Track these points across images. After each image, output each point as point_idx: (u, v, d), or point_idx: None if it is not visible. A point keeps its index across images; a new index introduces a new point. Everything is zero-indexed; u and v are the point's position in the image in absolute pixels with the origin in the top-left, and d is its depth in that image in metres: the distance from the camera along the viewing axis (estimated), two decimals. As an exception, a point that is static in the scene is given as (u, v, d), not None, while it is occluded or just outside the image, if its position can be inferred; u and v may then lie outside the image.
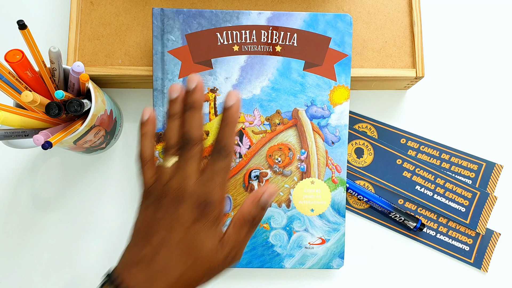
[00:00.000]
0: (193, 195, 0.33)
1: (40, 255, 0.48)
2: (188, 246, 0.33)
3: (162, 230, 0.33)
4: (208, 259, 0.33)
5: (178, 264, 0.32)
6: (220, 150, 0.34)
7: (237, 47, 0.44)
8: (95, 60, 0.47)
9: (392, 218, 0.49)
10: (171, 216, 0.33)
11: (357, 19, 0.48)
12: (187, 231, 0.33)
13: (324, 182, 0.45)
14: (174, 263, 0.32)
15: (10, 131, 0.39)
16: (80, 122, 0.41)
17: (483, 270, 0.49)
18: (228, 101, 0.34)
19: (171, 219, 0.33)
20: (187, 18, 0.44)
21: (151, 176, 0.36)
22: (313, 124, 0.45)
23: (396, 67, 0.47)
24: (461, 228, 0.49)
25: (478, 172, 0.51)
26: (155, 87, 0.44)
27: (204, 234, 0.33)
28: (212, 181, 0.33)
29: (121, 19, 0.47)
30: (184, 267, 0.32)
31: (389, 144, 0.51)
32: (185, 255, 0.33)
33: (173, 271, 0.32)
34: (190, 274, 0.33)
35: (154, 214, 0.34)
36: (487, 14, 0.54)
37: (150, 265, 0.32)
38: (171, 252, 0.32)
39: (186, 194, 0.33)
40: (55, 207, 0.49)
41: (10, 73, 0.38)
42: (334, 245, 0.46)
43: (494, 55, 0.54)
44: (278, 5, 0.48)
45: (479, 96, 0.53)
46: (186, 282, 0.33)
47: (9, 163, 0.50)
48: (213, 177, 0.33)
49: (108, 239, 0.49)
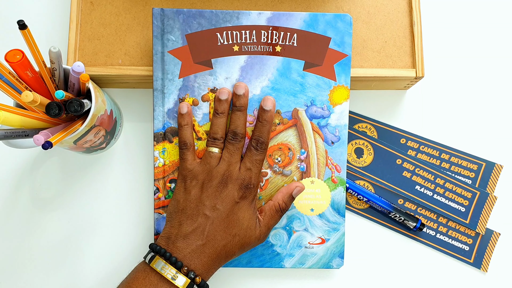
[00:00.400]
0: (238, 179, 0.41)
1: (40, 255, 0.48)
2: (233, 220, 0.40)
3: (210, 207, 0.40)
4: (246, 233, 0.40)
5: (223, 235, 0.39)
6: (259, 145, 0.42)
7: (237, 47, 0.44)
8: (95, 60, 0.47)
9: (392, 218, 0.49)
10: (220, 194, 0.40)
11: (357, 19, 0.48)
12: (234, 206, 0.40)
13: (324, 182, 0.45)
14: (220, 235, 0.39)
15: (10, 131, 0.39)
16: (80, 122, 0.41)
17: (483, 270, 0.49)
18: (267, 105, 0.43)
19: (220, 197, 0.40)
20: (187, 18, 0.44)
21: (193, 160, 0.42)
22: (313, 124, 0.45)
23: (396, 67, 0.47)
24: (461, 228, 0.50)
25: (478, 172, 0.51)
26: (155, 87, 0.44)
27: (246, 210, 0.41)
28: (253, 169, 0.41)
29: (121, 19, 0.47)
30: (228, 238, 0.40)
31: (389, 144, 0.51)
32: (230, 228, 0.40)
33: (219, 242, 0.39)
34: (230, 245, 0.40)
35: (201, 193, 0.40)
36: (487, 14, 0.54)
37: (201, 237, 0.39)
38: (219, 225, 0.39)
39: (233, 178, 0.41)
40: (55, 207, 0.49)
41: (10, 73, 0.38)
42: (334, 245, 0.46)
43: (494, 55, 0.54)
44: (278, 5, 0.48)
45: (479, 96, 0.53)
46: (226, 252, 0.40)
47: (9, 163, 0.50)
48: (254, 166, 0.42)
49: (108, 239, 0.49)
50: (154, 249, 0.39)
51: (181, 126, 0.43)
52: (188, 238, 0.39)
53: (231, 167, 0.41)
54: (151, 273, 0.38)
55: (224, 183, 0.40)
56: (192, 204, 0.40)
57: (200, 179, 0.41)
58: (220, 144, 0.42)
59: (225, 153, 0.42)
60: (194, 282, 0.38)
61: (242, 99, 0.43)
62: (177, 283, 0.37)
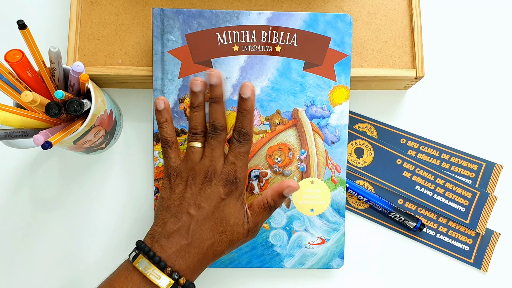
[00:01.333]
0: (223, 174, 0.39)
1: (40, 255, 0.48)
2: (219, 217, 0.38)
3: (194, 205, 0.38)
4: (233, 230, 0.39)
5: (209, 234, 0.38)
6: (241, 137, 0.39)
7: (237, 47, 0.44)
8: (95, 60, 0.47)
9: (392, 218, 0.49)
10: (205, 191, 0.38)
11: (357, 19, 0.48)
12: (219, 203, 0.38)
13: (324, 182, 0.45)
14: (206, 233, 0.38)
15: (10, 131, 0.39)
16: (80, 122, 0.41)
17: (483, 270, 0.49)
18: (245, 92, 0.39)
19: (204, 194, 0.38)
20: (187, 18, 0.44)
21: (176, 157, 0.40)
22: (313, 124, 0.45)
23: (396, 67, 0.47)
24: (461, 228, 0.49)
25: (478, 172, 0.51)
26: (155, 87, 0.44)
27: (232, 206, 0.39)
28: (237, 162, 0.39)
29: (121, 19, 0.47)
30: (215, 237, 0.38)
31: (389, 144, 0.51)
32: (216, 225, 0.38)
33: (205, 241, 0.38)
34: (218, 244, 0.38)
35: (185, 191, 0.39)
36: (487, 14, 0.54)
37: (185, 236, 0.37)
38: (204, 224, 0.38)
39: (217, 173, 0.39)
40: (55, 207, 0.49)
41: (10, 73, 0.38)
42: (334, 245, 0.46)
43: (494, 55, 0.54)
44: (278, 5, 0.48)
45: (479, 96, 0.53)
46: (214, 251, 0.38)
47: (9, 163, 0.50)
48: (238, 159, 0.39)
49: (108, 239, 0.49)
50: (139, 246, 0.38)
51: (160, 124, 0.40)
52: (172, 237, 0.37)
53: (214, 162, 0.39)
54: (133, 272, 0.37)
55: (209, 180, 0.38)
56: (176, 202, 0.38)
57: (183, 177, 0.39)
58: (201, 138, 0.40)
59: (207, 148, 0.39)
60: (178, 283, 0.36)
61: (217, 89, 0.39)
62: (160, 284, 0.36)
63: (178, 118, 0.45)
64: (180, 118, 0.45)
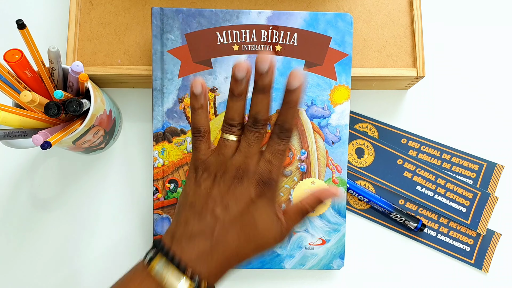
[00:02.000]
0: (256, 173, 0.34)
1: (39, 255, 0.48)
2: (247, 221, 0.34)
3: (221, 204, 0.34)
4: (262, 236, 0.34)
5: (235, 238, 0.34)
6: (283, 133, 0.34)
7: (237, 46, 0.44)
8: (94, 60, 0.47)
9: (393, 218, 0.49)
10: (234, 190, 0.34)
11: (358, 19, 0.48)
12: (249, 205, 0.34)
13: (325, 183, 0.45)
14: (232, 237, 0.34)
15: (9, 131, 0.39)
16: (79, 122, 0.41)
17: (484, 270, 0.49)
18: (293, 83, 0.32)
19: (233, 193, 0.34)
20: (187, 18, 0.43)
21: (206, 149, 0.36)
22: (313, 124, 0.45)
23: (396, 67, 0.47)
24: (462, 229, 0.49)
25: (479, 173, 0.50)
26: (154, 87, 0.44)
27: (263, 210, 0.34)
28: (274, 161, 0.34)
29: (120, 19, 0.47)
30: (241, 242, 0.34)
31: (389, 144, 0.51)
32: (243, 230, 0.34)
33: (230, 245, 0.34)
34: (243, 249, 0.34)
35: (212, 187, 0.34)
36: (488, 14, 0.54)
37: (210, 239, 0.33)
38: (231, 227, 0.34)
39: (250, 172, 0.34)
40: (54, 207, 0.49)
41: (9, 73, 0.38)
42: (335, 246, 0.46)
43: (494, 55, 0.53)
44: (278, 4, 0.48)
45: (480, 96, 0.53)
46: (239, 256, 0.34)
47: (8, 163, 0.50)
48: (276, 158, 0.34)
49: (108, 239, 0.49)
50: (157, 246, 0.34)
51: (194, 110, 0.35)
52: (194, 239, 0.33)
53: (248, 159, 0.34)
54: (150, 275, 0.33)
55: (239, 178, 0.34)
56: (201, 199, 0.34)
57: (212, 171, 0.35)
58: (237, 131, 0.35)
59: (243, 143, 0.34)
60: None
61: (266, 77, 0.33)
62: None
63: (178, 118, 0.45)
64: (179, 118, 0.45)
